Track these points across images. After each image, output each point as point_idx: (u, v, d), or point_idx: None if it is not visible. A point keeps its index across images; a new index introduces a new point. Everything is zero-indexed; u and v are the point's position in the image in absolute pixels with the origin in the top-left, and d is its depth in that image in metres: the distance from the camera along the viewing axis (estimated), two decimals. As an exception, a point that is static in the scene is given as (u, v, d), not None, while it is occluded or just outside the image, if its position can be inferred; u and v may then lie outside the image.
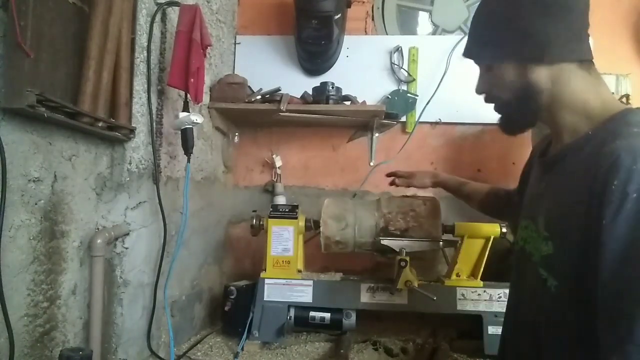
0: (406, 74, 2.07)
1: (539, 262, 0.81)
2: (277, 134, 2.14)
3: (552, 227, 0.79)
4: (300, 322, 1.58)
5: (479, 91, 0.90)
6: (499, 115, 0.90)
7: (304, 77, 2.11)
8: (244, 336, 1.52)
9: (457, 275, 1.57)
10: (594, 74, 0.80)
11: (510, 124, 0.90)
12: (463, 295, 1.54)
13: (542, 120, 0.85)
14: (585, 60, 0.80)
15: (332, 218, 1.61)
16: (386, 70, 2.09)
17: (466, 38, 0.92)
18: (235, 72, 2.11)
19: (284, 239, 1.62)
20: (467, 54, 0.91)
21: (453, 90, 2.02)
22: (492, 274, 1.59)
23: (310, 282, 1.59)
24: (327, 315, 1.57)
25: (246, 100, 1.85)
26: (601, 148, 0.70)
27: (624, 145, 0.67)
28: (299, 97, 1.89)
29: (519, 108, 0.84)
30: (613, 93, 1.56)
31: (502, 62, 0.83)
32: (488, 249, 1.54)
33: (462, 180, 1.47)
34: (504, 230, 1.55)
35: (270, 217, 1.64)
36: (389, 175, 1.63)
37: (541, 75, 0.80)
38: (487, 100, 0.90)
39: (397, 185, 1.60)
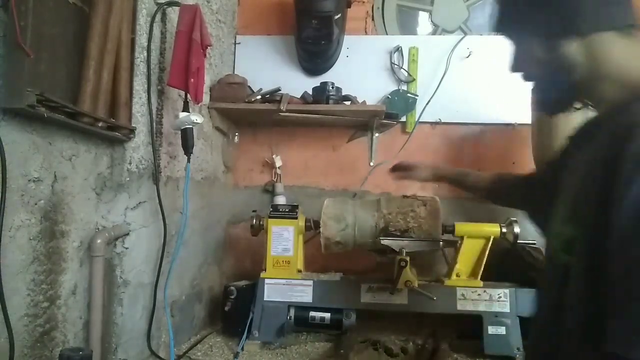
0: (406, 74, 2.07)
1: (560, 248, 0.71)
2: (277, 134, 2.14)
3: (572, 207, 0.71)
4: (300, 322, 1.58)
5: (511, 70, 0.81)
6: (537, 95, 0.83)
7: (304, 77, 2.11)
8: (244, 336, 1.52)
9: (457, 275, 1.57)
10: (638, 40, 0.71)
11: (547, 103, 0.83)
12: (463, 295, 1.54)
13: (583, 96, 0.78)
14: (627, 26, 0.71)
15: (332, 219, 1.60)
16: (386, 70, 2.09)
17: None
18: (235, 72, 2.10)
19: (284, 239, 1.62)
20: (496, 28, 0.82)
21: (453, 90, 2.02)
22: (492, 274, 1.59)
23: (310, 282, 1.59)
24: (327, 315, 1.57)
25: (246, 100, 1.85)
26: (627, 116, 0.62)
27: None
28: (299, 97, 1.89)
29: (551, 85, 0.77)
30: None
31: (526, 38, 0.76)
32: (488, 249, 1.54)
33: (465, 171, 1.36)
34: (504, 230, 1.55)
35: (270, 217, 1.64)
36: (393, 168, 1.51)
37: (572, 48, 0.72)
38: (523, 78, 0.81)
39: (397, 178, 1.49)
